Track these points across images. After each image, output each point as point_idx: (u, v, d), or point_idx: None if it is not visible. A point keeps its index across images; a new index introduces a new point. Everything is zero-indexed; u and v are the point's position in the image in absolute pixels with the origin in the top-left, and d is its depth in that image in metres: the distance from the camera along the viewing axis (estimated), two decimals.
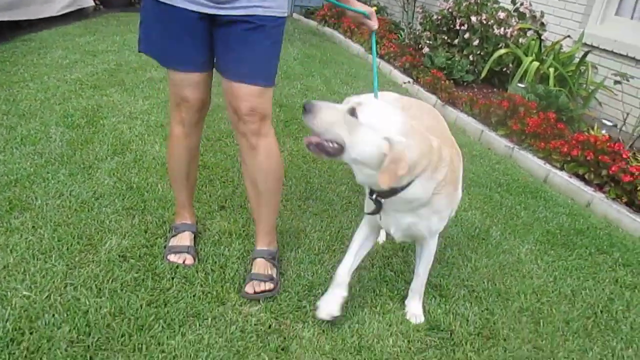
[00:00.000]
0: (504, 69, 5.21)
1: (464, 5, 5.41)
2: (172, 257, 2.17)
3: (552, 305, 2.27)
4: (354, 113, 1.61)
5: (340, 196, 2.91)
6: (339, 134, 1.61)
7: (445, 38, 5.61)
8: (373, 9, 2.35)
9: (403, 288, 2.21)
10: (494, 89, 5.30)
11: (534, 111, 4.01)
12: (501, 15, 5.27)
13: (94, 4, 6.69)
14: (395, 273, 2.32)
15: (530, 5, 5.43)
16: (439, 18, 5.68)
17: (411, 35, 6.28)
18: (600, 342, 2.09)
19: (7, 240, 2.15)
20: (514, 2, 5.50)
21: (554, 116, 3.90)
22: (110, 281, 2.00)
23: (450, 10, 5.52)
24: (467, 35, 5.36)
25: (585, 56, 4.58)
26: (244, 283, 2.07)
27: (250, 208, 2.25)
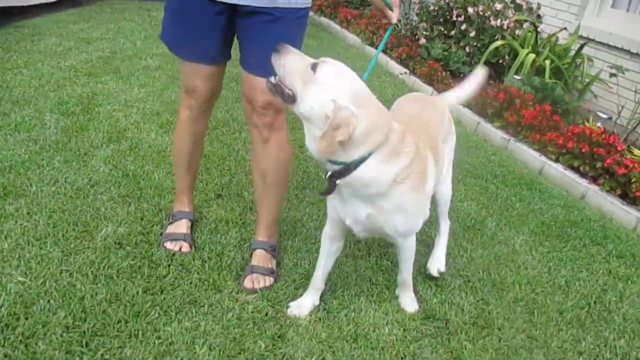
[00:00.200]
0: (500, 61, 5.21)
1: None
2: (169, 245, 2.16)
3: (547, 295, 2.29)
4: (314, 68, 1.57)
5: None
6: (295, 84, 1.58)
7: (442, 29, 5.60)
8: None
9: None
10: (490, 80, 5.30)
11: (530, 103, 4.02)
12: (498, 6, 5.27)
13: None
14: (391, 262, 2.32)
15: None
16: (436, 9, 5.66)
17: (408, 26, 6.26)
18: (593, 332, 2.11)
19: (2, 226, 2.14)
20: None
21: (550, 108, 3.92)
22: (106, 268, 2.00)
23: (447, 1, 5.51)
24: (464, 27, 5.36)
25: (581, 49, 4.59)
26: (244, 274, 2.07)
27: (256, 198, 2.24)
